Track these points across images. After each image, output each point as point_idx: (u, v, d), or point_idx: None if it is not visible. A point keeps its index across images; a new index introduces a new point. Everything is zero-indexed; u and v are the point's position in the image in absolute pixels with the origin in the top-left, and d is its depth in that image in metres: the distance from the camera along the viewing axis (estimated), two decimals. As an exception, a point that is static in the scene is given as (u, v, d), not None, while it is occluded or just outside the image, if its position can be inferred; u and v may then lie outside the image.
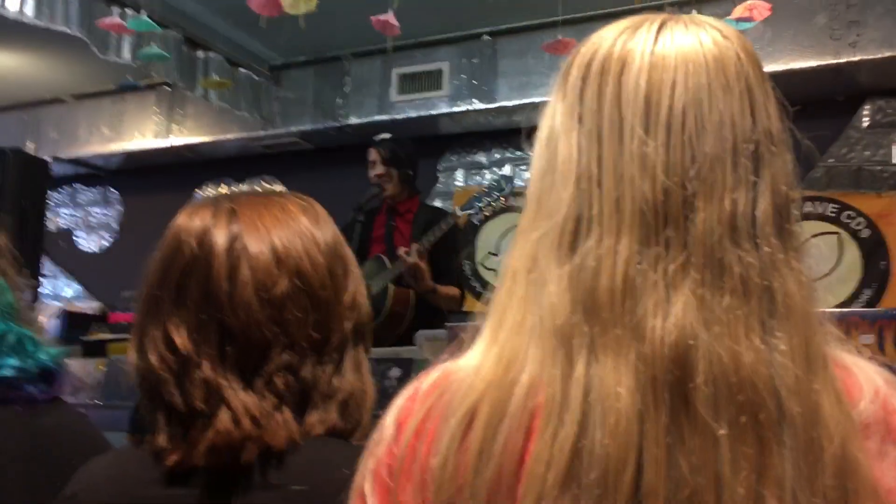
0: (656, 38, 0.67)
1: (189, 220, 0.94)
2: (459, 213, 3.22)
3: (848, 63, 4.02)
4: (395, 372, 2.40)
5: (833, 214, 4.23)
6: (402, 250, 3.13)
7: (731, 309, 0.60)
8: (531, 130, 0.72)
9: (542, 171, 0.69)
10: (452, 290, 3.29)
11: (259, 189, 5.51)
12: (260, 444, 0.86)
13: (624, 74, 0.66)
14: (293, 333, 0.90)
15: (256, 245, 0.91)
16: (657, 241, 0.62)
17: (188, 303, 0.90)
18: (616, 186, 0.63)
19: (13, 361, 1.13)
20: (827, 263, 4.06)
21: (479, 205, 3.19)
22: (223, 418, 0.86)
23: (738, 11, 3.17)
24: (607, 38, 0.69)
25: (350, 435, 0.94)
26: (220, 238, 0.91)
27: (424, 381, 0.69)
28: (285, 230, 0.94)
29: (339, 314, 0.95)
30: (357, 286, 0.99)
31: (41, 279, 4.26)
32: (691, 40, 0.67)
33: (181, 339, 0.89)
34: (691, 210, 0.62)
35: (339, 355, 0.94)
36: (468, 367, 0.66)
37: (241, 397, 0.87)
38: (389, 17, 3.00)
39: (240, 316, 0.89)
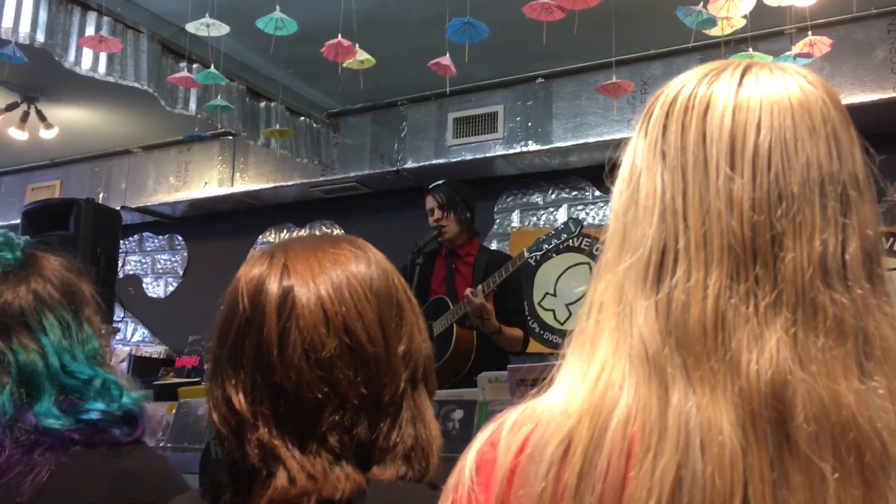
0: (741, 81, 0.68)
1: (245, 276, 0.96)
2: (527, 255, 3.16)
3: (911, 95, 3.96)
4: (458, 414, 2.40)
5: (901, 249, 4.13)
6: (468, 291, 3.13)
7: (828, 349, 0.59)
8: (613, 167, 0.73)
9: (626, 205, 0.69)
10: (516, 332, 3.28)
11: (314, 234, 5.60)
12: (318, 497, 0.87)
13: (708, 113, 0.67)
14: (344, 392, 0.90)
15: (306, 304, 0.92)
16: (746, 276, 0.62)
17: (244, 363, 0.92)
18: (703, 221, 0.64)
19: (99, 405, 1.17)
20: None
21: (548, 247, 3.16)
22: (280, 477, 0.87)
23: (799, 47, 3.14)
24: (691, 80, 0.70)
25: (419, 481, 0.93)
26: (271, 297, 0.92)
27: (507, 420, 0.68)
28: (336, 283, 0.94)
29: (393, 367, 0.94)
30: (412, 333, 0.98)
31: (114, 325, 4.39)
32: (776, 84, 0.68)
33: (238, 399, 0.91)
34: (780, 248, 0.62)
35: (395, 409, 0.93)
36: (558, 398, 0.65)
37: (296, 457, 0.88)
38: (446, 59, 3.06)
39: (291, 377, 0.90)
